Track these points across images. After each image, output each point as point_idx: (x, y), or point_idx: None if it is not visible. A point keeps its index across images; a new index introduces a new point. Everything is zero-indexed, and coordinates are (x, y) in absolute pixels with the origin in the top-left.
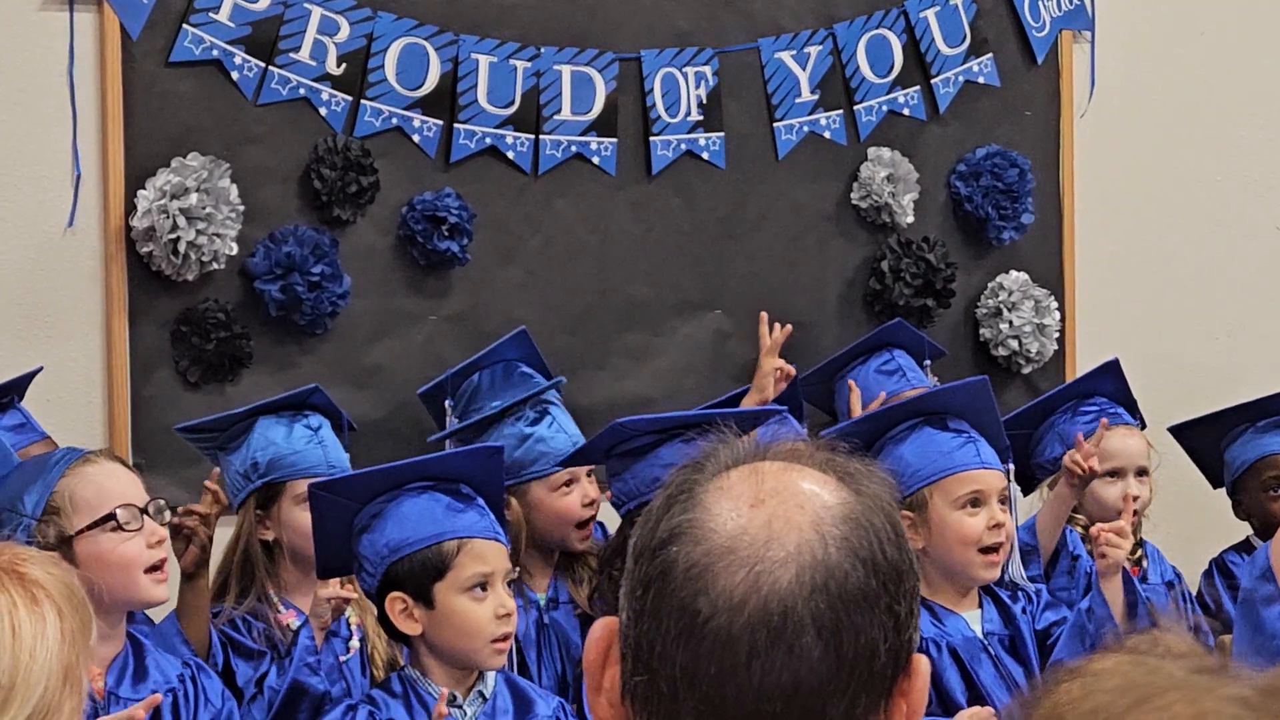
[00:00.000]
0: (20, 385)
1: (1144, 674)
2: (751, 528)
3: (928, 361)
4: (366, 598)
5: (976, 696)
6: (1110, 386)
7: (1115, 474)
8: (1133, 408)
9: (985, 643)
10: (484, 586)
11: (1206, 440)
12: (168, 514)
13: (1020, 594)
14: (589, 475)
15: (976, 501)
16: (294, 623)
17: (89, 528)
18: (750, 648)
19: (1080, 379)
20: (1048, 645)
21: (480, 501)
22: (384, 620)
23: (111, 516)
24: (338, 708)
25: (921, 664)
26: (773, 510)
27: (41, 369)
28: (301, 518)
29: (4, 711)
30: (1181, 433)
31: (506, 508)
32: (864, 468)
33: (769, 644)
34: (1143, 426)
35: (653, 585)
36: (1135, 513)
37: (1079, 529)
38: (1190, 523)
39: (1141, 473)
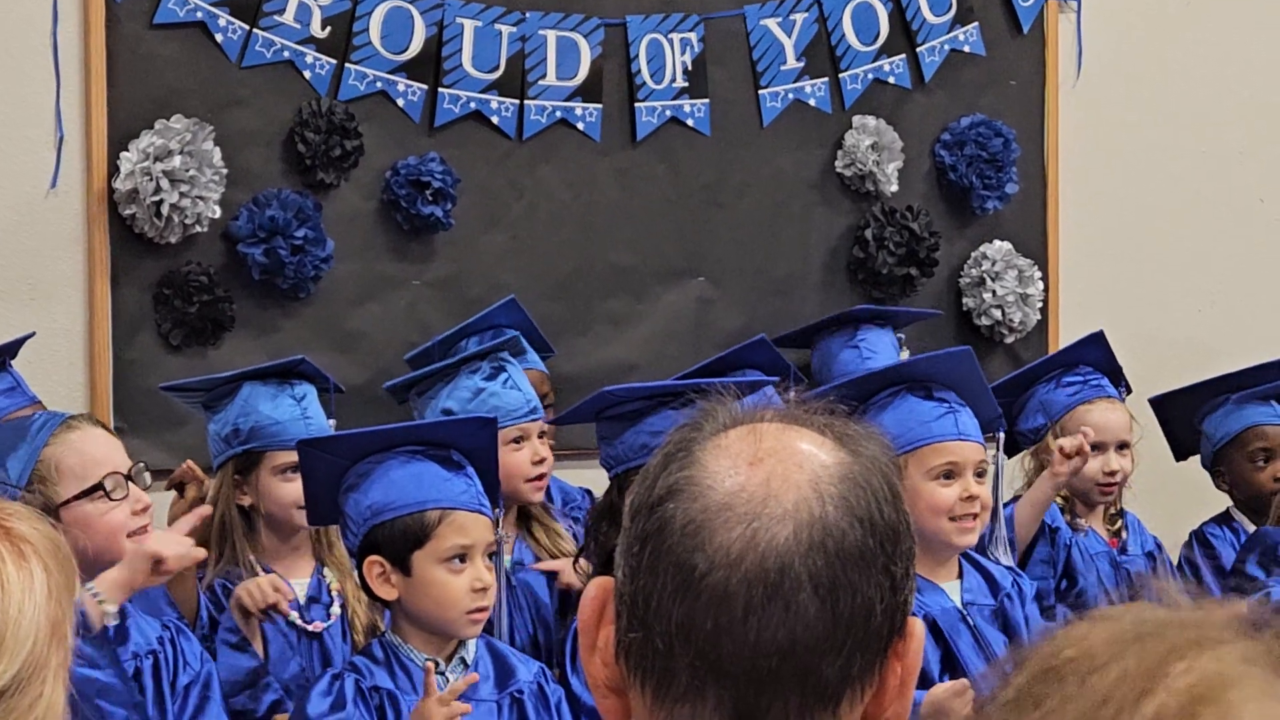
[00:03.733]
0: (11, 349)
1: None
2: (749, 485)
3: (902, 335)
4: (349, 556)
5: (953, 668)
6: (1095, 356)
7: (1096, 448)
8: (1117, 378)
9: (964, 613)
10: (462, 558)
11: (1184, 411)
12: (148, 477)
13: (1010, 572)
14: (541, 437)
15: (950, 473)
16: None
17: (76, 497)
18: (747, 603)
19: (1065, 349)
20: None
21: (469, 470)
22: (363, 581)
23: (99, 486)
24: (324, 678)
25: (917, 627)
26: (771, 469)
27: (34, 334)
28: (279, 489)
29: None
30: (1161, 404)
31: None
32: (862, 430)
33: (765, 600)
34: (1129, 392)
35: (649, 541)
36: (1114, 485)
37: (1058, 499)
38: (1171, 494)
39: (1123, 446)
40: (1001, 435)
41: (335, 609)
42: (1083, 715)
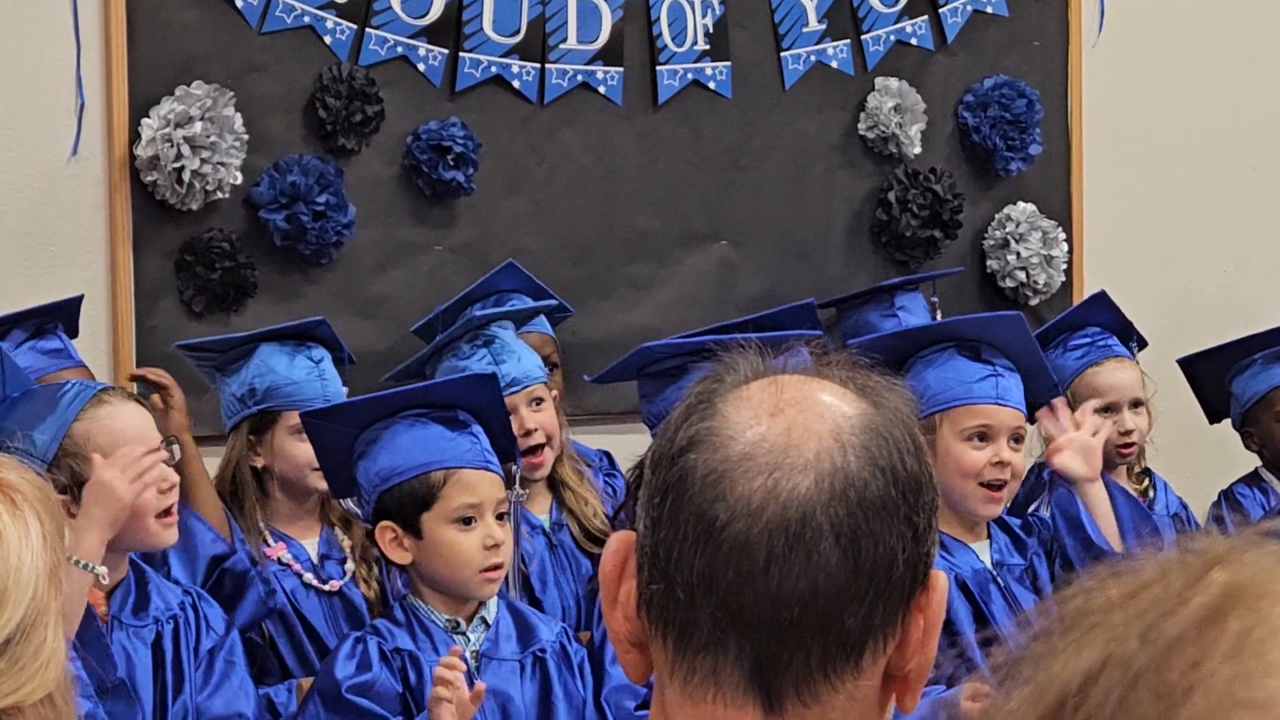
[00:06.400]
0: (64, 311)
1: None
2: (770, 435)
3: (935, 299)
4: (364, 523)
5: (985, 628)
6: (1101, 317)
7: (1110, 409)
8: (1126, 336)
9: (995, 574)
10: (471, 519)
11: (1213, 373)
12: (177, 450)
13: (1036, 524)
14: (538, 404)
15: (984, 436)
16: (283, 555)
17: None
18: (768, 553)
19: (1069, 312)
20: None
21: (474, 429)
22: (377, 546)
23: None
24: (347, 641)
25: (940, 580)
26: (792, 419)
27: (83, 296)
28: (295, 448)
29: None
30: (1190, 365)
31: None
32: (884, 381)
33: (787, 550)
34: (1141, 346)
35: (670, 492)
36: (1133, 445)
37: None
38: (1199, 454)
39: (1136, 404)
40: (1058, 403)
41: (350, 565)
42: (1128, 622)
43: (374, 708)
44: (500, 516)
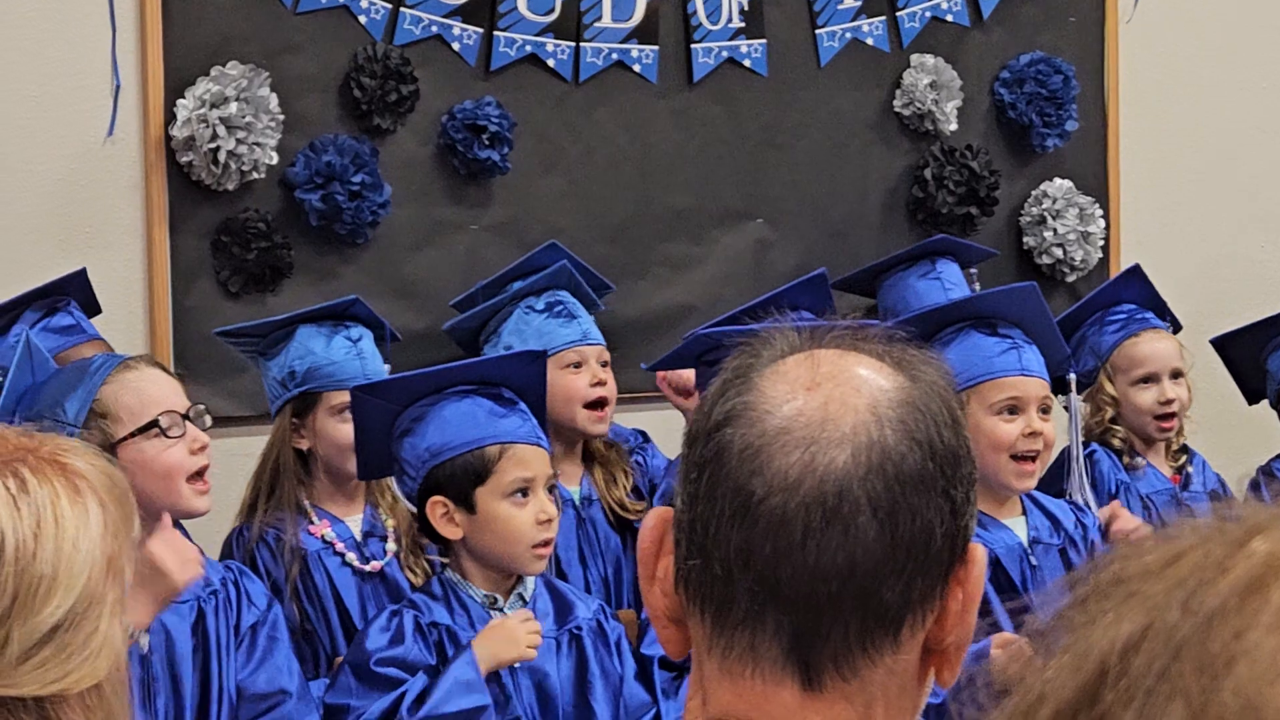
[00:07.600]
0: (64, 286)
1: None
2: (807, 410)
3: (974, 270)
4: (407, 500)
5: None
6: (1135, 292)
7: (1150, 379)
8: (1161, 310)
9: (1030, 551)
10: (525, 492)
11: (1248, 350)
12: (208, 419)
13: (1073, 510)
14: (604, 365)
15: (1013, 409)
16: (327, 532)
17: (132, 435)
18: (805, 527)
19: (1103, 288)
20: None
21: (522, 406)
22: (424, 523)
23: (154, 423)
24: (383, 614)
25: (978, 553)
26: (829, 393)
27: (84, 270)
28: (335, 429)
29: (48, 601)
30: (1224, 343)
31: None
32: (920, 355)
33: (824, 524)
34: (1177, 329)
35: (707, 467)
36: (1174, 415)
37: (1116, 440)
38: (1236, 432)
39: (1176, 375)
40: (1073, 376)
41: (391, 545)
42: (1168, 591)
43: (403, 675)
44: (550, 491)
